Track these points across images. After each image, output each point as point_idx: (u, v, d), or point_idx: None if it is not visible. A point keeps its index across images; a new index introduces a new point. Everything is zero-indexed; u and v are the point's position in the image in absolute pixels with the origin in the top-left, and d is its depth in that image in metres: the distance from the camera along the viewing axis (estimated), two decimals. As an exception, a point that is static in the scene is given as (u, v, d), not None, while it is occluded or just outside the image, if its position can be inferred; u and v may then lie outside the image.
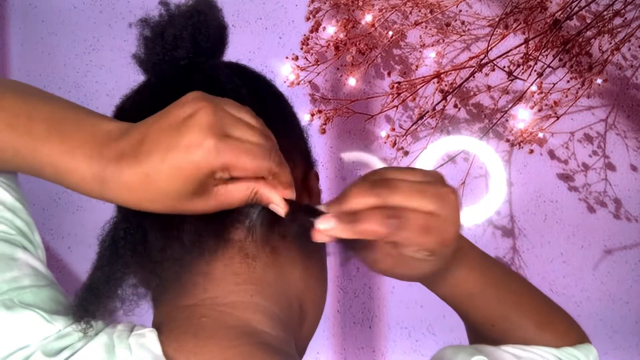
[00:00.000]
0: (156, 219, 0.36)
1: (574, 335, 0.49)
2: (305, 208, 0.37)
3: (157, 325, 0.37)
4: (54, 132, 0.35)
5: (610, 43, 1.12)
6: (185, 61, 0.42)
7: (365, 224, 0.35)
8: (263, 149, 0.34)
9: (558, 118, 1.16)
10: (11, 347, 0.33)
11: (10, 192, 0.39)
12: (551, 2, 1.12)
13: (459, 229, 0.37)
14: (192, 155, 0.32)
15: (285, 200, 0.36)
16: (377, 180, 0.37)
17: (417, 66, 1.20)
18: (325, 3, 1.15)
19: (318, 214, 0.36)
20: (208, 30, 0.42)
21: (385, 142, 1.19)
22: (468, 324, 0.52)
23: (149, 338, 0.35)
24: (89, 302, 0.34)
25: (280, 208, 0.36)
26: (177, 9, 0.41)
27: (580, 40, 1.09)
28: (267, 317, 0.38)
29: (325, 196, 0.46)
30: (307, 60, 1.15)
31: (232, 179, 0.35)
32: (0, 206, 0.38)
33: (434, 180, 0.37)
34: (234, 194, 0.35)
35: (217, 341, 0.35)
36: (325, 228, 0.36)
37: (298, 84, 1.15)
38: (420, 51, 1.20)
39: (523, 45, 1.07)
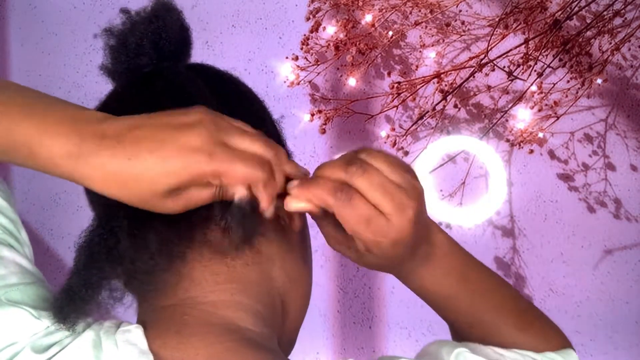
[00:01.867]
0: (127, 226, 0.36)
1: (556, 340, 0.50)
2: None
3: (142, 323, 0.38)
4: (32, 114, 0.34)
5: (610, 43, 1.12)
6: (149, 68, 0.42)
7: (318, 188, 0.37)
8: (258, 160, 0.35)
9: (558, 118, 1.16)
10: (2, 342, 0.33)
11: None
12: (551, 2, 1.12)
13: (403, 239, 0.38)
14: (186, 156, 0.32)
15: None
16: (356, 159, 0.38)
17: (417, 66, 1.20)
18: (325, 3, 1.15)
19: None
20: (169, 34, 0.42)
21: (385, 142, 1.19)
22: (447, 323, 0.52)
23: (135, 334, 0.35)
24: (64, 305, 0.34)
25: (241, 197, 0.36)
26: (138, 15, 0.42)
27: (580, 40, 1.09)
28: (250, 314, 0.38)
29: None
30: (307, 60, 1.15)
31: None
32: None
33: (407, 187, 0.38)
34: (201, 193, 0.35)
35: (201, 337, 0.36)
36: (289, 188, 0.38)
37: (298, 84, 1.15)
38: (420, 51, 1.20)
39: (523, 45, 1.07)
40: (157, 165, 0.32)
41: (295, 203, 0.38)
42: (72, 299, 0.34)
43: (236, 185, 0.35)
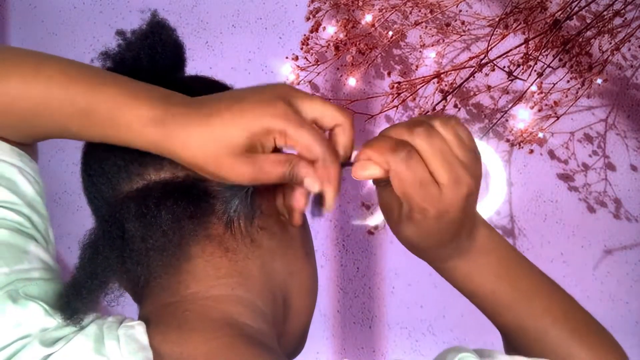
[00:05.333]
0: (133, 209, 0.37)
1: (613, 357, 0.48)
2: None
3: (145, 320, 0.38)
4: (119, 79, 0.36)
5: (610, 43, 1.12)
6: (147, 81, 0.43)
7: (379, 144, 0.37)
8: (324, 137, 0.35)
9: (558, 118, 1.16)
10: (12, 337, 0.34)
11: (33, 186, 0.40)
12: (551, 2, 1.12)
13: (450, 214, 0.38)
14: (261, 109, 0.34)
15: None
16: (424, 123, 0.37)
17: (417, 66, 1.20)
18: (325, 3, 1.15)
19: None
20: (164, 49, 0.43)
21: (385, 142, 1.19)
22: (496, 327, 0.50)
23: (137, 330, 0.36)
24: (71, 300, 0.35)
25: (314, 186, 0.37)
26: (133, 34, 0.43)
27: (580, 40, 1.09)
28: (249, 309, 0.39)
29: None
30: (307, 60, 1.15)
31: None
32: (20, 200, 0.39)
33: (468, 164, 0.37)
34: (273, 164, 0.36)
35: (200, 333, 0.36)
36: (354, 157, 0.38)
37: (298, 84, 1.15)
38: (420, 51, 1.20)
39: (523, 45, 1.07)
40: (234, 118, 0.34)
41: (361, 171, 0.37)
42: (78, 293, 0.35)
43: (298, 147, 0.35)
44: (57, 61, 0.37)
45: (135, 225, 0.37)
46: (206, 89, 0.44)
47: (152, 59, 0.42)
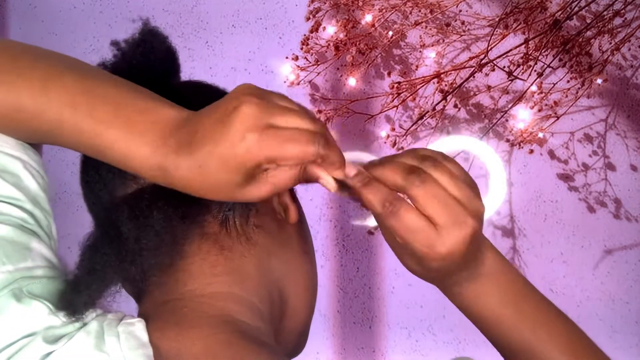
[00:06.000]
0: (127, 212, 0.37)
1: None
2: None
3: (144, 317, 0.38)
4: (118, 116, 0.36)
5: (610, 43, 1.12)
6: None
7: (369, 194, 0.38)
8: (308, 134, 0.35)
9: (558, 118, 1.16)
10: (16, 335, 0.34)
11: (37, 180, 0.40)
12: (551, 2, 1.12)
13: (453, 256, 0.37)
14: (237, 149, 0.33)
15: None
16: (416, 168, 0.38)
17: (417, 66, 1.20)
18: (325, 3, 1.15)
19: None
20: (156, 55, 0.43)
21: (385, 142, 1.19)
22: (498, 351, 0.49)
23: (137, 327, 0.36)
24: (72, 297, 0.35)
25: (330, 184, 0.37)
26: (126, 43, 0.43)
27: (580, 40, 1.09)
28: (246, 307, 0.39)
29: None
30: (307, 60, 1.15)
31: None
32: (24, 195, 0.38)
33: (466, 203, 0.37)
34: (284, 175, 0.36)
35: (198, 330, 0.37)
36: (340, 175, 0.38)
37: (298, 84, 1.15)
38: (420, 51, 1.20)
39: (523, 45, 1.07)
40: (220, 165, 0.34)
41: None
42: (78, 290, 0.35)
43: (291, 163, 0.35)
44: (59, 79, 0.37)
45: (129, 227, 0.38)
46: (199, 94, 0.44)
47: (145, 67, 0.42)
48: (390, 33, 1.16)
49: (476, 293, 0.43)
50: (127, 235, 0.38)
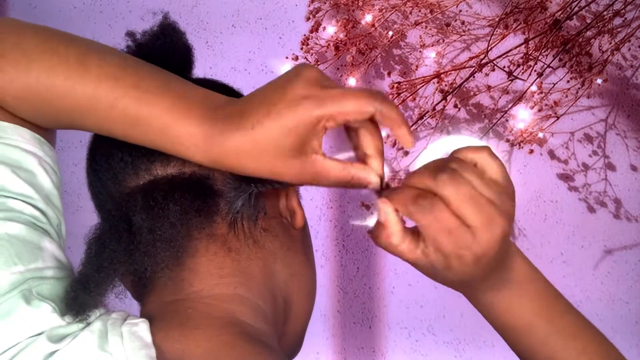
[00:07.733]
0: (140, 202, 0.37)
1: None
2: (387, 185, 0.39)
3: (148, 318, 0.38)
4: (166, 88, 0.36)
5: (610, 43, 1.12)
6: None
7: (400, 195, 0.36)
8: (367, 91, 0.35)
9: (558, 118, 1.16)
10: (23, 335, 0.34)
11: (51, 177, 0.40)
12: (551, 2, 1.12)
13: (487, 256, 0.36)
14: (297, 106, 0.34)
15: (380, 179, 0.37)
16: (446, 167, 0.36)
17: (417, 66, 1.20)
18: (325, 3, 1.15)
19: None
20: (175, 51, 0.43)
21: (385, 142, 1.19)
22: (520, 357, 0.48)
23: (141, 327, 0.36)
24: (78, 295, 0.35)
25: (377, 188, 0.37)
26: (144, 35, 0.43)
27: (580, 40, 1.09)
28: (251, 309, 0.39)
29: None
30: (307, 60, 1.15)
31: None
32: (37, 193, 0.38)
33: (498, 203, 0.36)
34: (331, 169, 0.36)
35: (202, 331, 0.36)
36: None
37: (298, 84, 1.15)
38: (420, 51, 1.20)
39: (523, 45, 1.07)
40: (274, 125, 0.34)
41: (383, 215, 0.37)
42: (85, 287, 0.35)
43: (352, 118, 0.35)
44: (98, 55, 0.37)
45: (142, 217, 0.37)
46: (215, 90, 0.44)
47: (163, 61, 0.42)
48: (390, 33, 1.16)
49: (508, 301, 0.42)
50: (140, 225, 0.37)
